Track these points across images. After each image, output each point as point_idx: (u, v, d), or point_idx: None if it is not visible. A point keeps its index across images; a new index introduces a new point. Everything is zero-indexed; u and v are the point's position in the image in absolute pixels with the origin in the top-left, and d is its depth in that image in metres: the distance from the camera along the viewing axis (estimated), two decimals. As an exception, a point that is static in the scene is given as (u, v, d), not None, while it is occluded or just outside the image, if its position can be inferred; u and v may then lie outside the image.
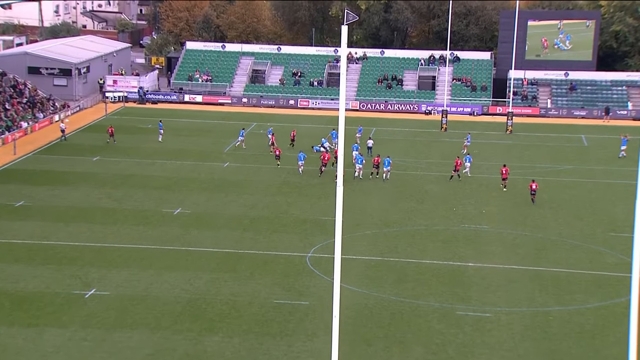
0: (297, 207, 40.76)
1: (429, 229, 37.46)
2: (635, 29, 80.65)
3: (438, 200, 42.52)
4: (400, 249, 34.56)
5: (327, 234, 35.84)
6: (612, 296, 29.42)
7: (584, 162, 52.51)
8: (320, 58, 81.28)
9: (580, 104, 73.98)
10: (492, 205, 41.85)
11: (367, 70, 79.74)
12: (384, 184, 45.57)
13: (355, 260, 32.81)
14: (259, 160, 51.76)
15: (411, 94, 76.75)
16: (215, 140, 58.05)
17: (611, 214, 40.35)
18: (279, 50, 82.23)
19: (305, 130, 63.53)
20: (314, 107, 75.38)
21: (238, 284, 30.12)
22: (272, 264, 32.37)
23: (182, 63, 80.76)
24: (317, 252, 33.80)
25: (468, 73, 78.39)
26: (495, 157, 53.23)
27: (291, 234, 36.37)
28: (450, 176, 46.46)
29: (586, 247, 35.17)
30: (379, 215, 39.54)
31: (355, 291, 29.63)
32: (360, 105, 74.81)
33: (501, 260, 33.19)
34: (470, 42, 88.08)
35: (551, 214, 40.26)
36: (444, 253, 34.02)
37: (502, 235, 36.79)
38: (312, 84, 78.31)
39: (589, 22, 76.20)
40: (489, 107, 73.81)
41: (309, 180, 46.31)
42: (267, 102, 75.94)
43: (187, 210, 39.95)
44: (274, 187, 44.91)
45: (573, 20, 77.03)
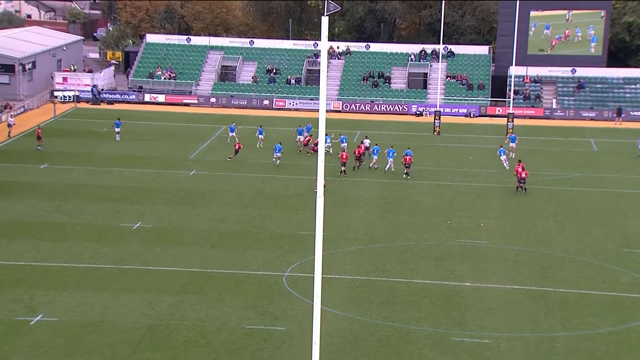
0: (273, 221, 40.76)
1: (420, 245, 37.61)
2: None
3: (430, 213, 42.72)
4: (388, 267, 34.66)
5: (307, 250, 35.86)
6: (626, 320, 29.69)
7: (593, 169, 53.01)
8: (297, 53, 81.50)
9: (589, 104, 74.74)
10: (491, 217, 42.12)
11: (350, 66, 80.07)
12: (371, 195, 45.72)
13: (338, 280, 32.85)
14: (229, 168, 51.74)
15: (400, 93, 77.14)
16: (179, 146, 57.94)
17: (624, 227, 40.76)
18: (251, 44, 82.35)
19: (280, 134, 63.58)
20: (291, 107, 75.50)
21: (206, 308, 30.04)
22: (244, 285, 32.32)
23: (141, 58, 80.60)
24: (295, 271, 33.80)
25: (464, 70, 78.96)
26: (494, 164, 53.61)
27: (266, 250, 36.36)
28: (516, 187, 46.32)
29: (597, 264, 35.48)
30: (365, 230, 39.64)
31: (338, 315, 29.65)
32: (343, 106, 75.05)
33: (502, 280, 33.40)
34: (466, 35, 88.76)
35: (557, 228, 40.58)
36: (437, 271, 34.16)
37: (502, 251, 37.02)
38: (289, 82, 78.48)
39: (602, 12, 77.03)
40: (487, 108, 74.36)
41: (286, 191, 46.38)
42: (238, 102, 75.96)
43: (148, 224, 39.81)
44: (247, 197, 44.91)
45: (581, 10, 77.92)
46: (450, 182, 49.19)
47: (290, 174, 50.32)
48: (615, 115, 71.40)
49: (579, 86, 76.11)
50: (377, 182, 48.91)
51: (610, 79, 76.74)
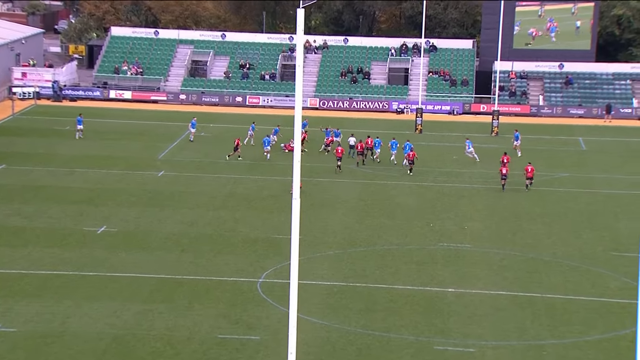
0: (246, 224, 40.72)
1: (401, 249, 37.73)
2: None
3: (412, 215, 42.87)
4: (368, 272, 34.74)
5: (282, 255, 35.86)
6: (615, 327, 29.95)
7: (581, 169, 53.45)
8: (272, 47, 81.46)
9: (578, 101, 75.36)
10: (475, 220, 42.35)
11: (328, 61, 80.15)
12: (349, 195, 45.82)
13: (315, 286, 32.88)
14: (200, 169, 51.63)
15: (380, 89, 77.34)
16: (147, 145, 57.71)
17: (614, 229, 41.13)
18: (223, 37, 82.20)
19: (256, 131, 63.54)
20: (265, 105, 75.44)
21: (175, 316, 29.94)
22: (215, 292, 32.26)
23: (106, 52, 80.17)
24: (270, 277, 33.79)
25: (447, 65, 79.33)
26: (479, 164, 53.89)
27: (239, 255, 36.31)
28: (525, 185, 47.51)
29: (585, 269, 35.79)
30: (343, 233, 39.70)
31: (315, 323, 29.68)
32: (320, 103, 75.12)
33: (486, 285, 33.58)
34: (448, 28, 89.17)
35: (544, 231, 40.88)
36: (419, 277, 34.30)
37: (487, 255, 37.24)
38: (263, 77, 78.42)
39: (589, 4, 77.73)
40: (471, 105, 74.75)
41: (260, 192, 46.35)
42: (209, 99, 75.79)
43: (113, 228, 39.61)
44: (218, 199, 44.83)
45: (568, 4, 78.56)
46: (432, 183, 49.40)
47: (264, 174, 50.30)
48: (605, 112, 72.03)
49: (566, 82, 76.72)
50: (356, 183, 49.02)
51: (599, 74, 77.42)
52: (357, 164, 52.14)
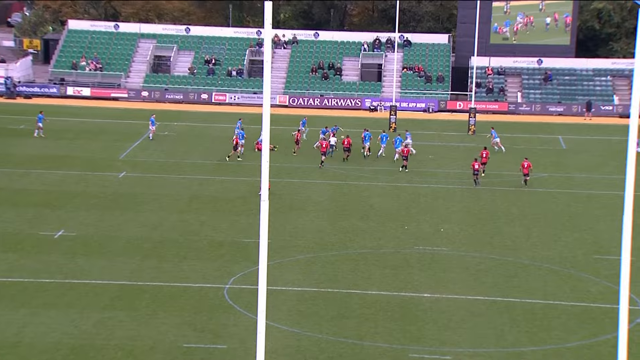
0: (212, 227, 40.60)
1: (375, 252, 37.83)
2: (622, 7, 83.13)
3: (386, 217, 42.99)
4: (340, 277, 34.79)
5: (250, 260, 35.80)
6: (596, 333, 30.23)
7: (561, 169, 53.92)
8: (239, 42, 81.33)
9: (557, 98, 76.05)
10: (452, 222, 42.56)
11: (297, 57, 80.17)
12: (318, 198, 45.89)
13: (285, 292, 32.86)
14: (164, 169, 51.41)
15: (352, 86, 77.49)
16: (107, 145, 57.37)
17: (595, 232, 41.54)
18: (187, 31, 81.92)
19: (220, 131, 63.39)
20: (232, 102, 75.31)
21: (137, 325, 29.77)
22: (180, 299, 32.12)
23: (63, 47, 79.56)
24: (238, 283, 33.72)
25: (421, 60, 79.68)
26: (455, 164, 54.20)
27: (204, 260, 36.19)
28: (524, 181, 48.92)
29: (565, 272, 36.09)
30: (314, 236, 39.72)
31: (285, 330, 29.66)
32: (290, 101, 75.14)
33: (463, 290, 33.76)
34: (423, 22, 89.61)
35: (523, 233, 41.18)
36: (394, 282, 34.40)
37: (464, 259, 37.43)
38: (229, 73, 78.26)
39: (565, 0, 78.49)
40: (447, 102, 75.16)
41: (227, 194, 46.25)
42: (173, 96, 75.51)
43: (72, 232, 39.32)
44: (183, 202, 44.67)
45: (536, 0, 79.08)
46: (407, 184, 49.58)
47: (231, 175, 50.18)
48: (585, 109, 72.72)
49: (545, 78, 77.37)
50: (328, 183, 49.08)
51: (579, 70, 78.18)
52: (344, 160, 53.58)
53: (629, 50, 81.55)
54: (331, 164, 53.33)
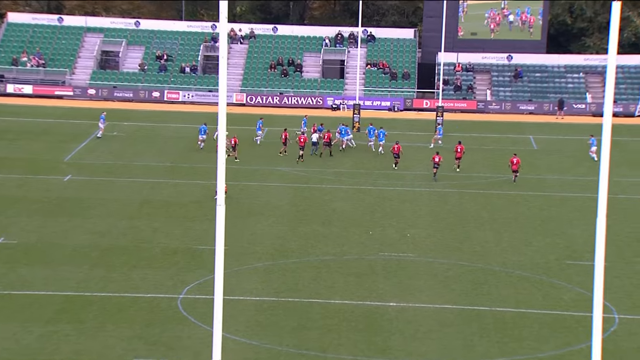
0: (165, 234, 40.40)
1: (338, 259, 37.88)
2: (594, 0, 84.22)
3: (349, 222, 43.09)
4: (301, 285, 34.79)
5: (205, 268, 35.68)
6: (569, 342, 30.55)
7: (532, 170, 54.43)
8: (192, 36, 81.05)
9: (528, 96, 76.80)
10: (419, 227, 42.77)
11: (255, 52, 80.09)
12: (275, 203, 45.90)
13: (243, 302, 32.80)
14: (113, 172, 51.06)
15: (314, 83, 77.58)
16: (51, 146, 56.84)
17: (568, 236, 41.99)
18: (137, 25, 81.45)
19: (173, 131, 63.13)
20: (185, 100, 75.03)
21: (84, 338, 29.52)
22: (130, 310, 31.91)
23: (2, 42, 78.72)
24: (192, 293, 33.58)
25: (386, 56, 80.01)
26: (422, 165, 54.47)
27: (157, 269, 36.00)
28: (514, 178, 50.60)
29: (537, 279, 36.43)
30: (273, 243, 39.69)
31: (243, 343, 29.61)
32: (248, 99, 75.04)
33: (431, 298, 33.93)
34: (388, 16, 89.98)
35: (493, 238, 41.50)
36: (358, 290, 34.48)
37: (431, 265, 37.63)
38: (183, 70, 77.95)
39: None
40: (413, 101, 75.54)
41: (180, 198, 46.04)
42: (122, 94, 75.03)
43: (12, 240, 38.90)
44: (134, 207, 44.40)
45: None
46: (371, 187, 49.74)
47: (185, 178, 49.98)
48: (557, 108, 73.50)
49: (516, 75, 78.09)
50: (287, 187, 49.09)
51: (550, 67, 79.03)
52: (325, 154, 55.38)
53: (602, 45, 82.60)
54: (292, 165, 53.30)
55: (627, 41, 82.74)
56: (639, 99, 74.98)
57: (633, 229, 42.83)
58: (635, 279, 36.11)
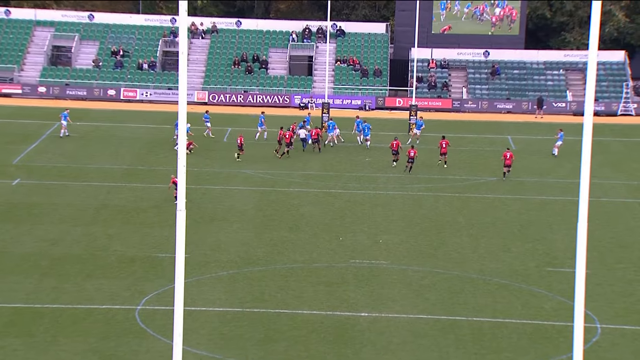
0: (122, 241, 40.22)
1: (306, 267, 37.91)
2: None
3: (318, 227, 43.14)
4: (267, 295, 34.78)
5: (165, 277, 35.57)
6: (549, 353, 30.77)
7: (511, 173, 54.78)
8: (151, 31, 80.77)
9: (505, 94, 77.31)
10: (391, 232, 42.90)
11: (217, 48, 79.97)
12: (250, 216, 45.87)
13: (205, 313, 32.73)
14: (66, 175, 50.76)
15: (280, 81, 77.60)
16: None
17: (548, 242, 42.29)
18: (90, 18, 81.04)
19: (130, 131, 62.88)
20: (143, 99, 74.74)
21: (34, 353, 29.32)
22: (84, 323, 31.74)
23: (-52, 35, 78.00)
24: (151, 304, 33.46)
25: (356, 52, 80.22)
26: (394, 168, 54.64)
27: (113, 279, 35.84)
28: (503, 173, 52.37)
29: (516, 287, 36.66)
30: (238, 250, 39.65)
31: (205, 356, 29.54)
32: (210, 97, 74.92)
33: (405, 308, 34.05)
34: (358, 9, 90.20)
35: (470, 244, 41.73)
36: (327, 300, 34.52)
37: (405, 273, 37.76)
38: (140, 67, 77.65)
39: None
40: (385, 99, 75.79)
41: (138, 203, 45.85)
42: (75, 92, 74.61)
43: (-42, 249, 38.52)
44: (89, 212, 44.17)
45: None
46: (341, 190, 49.82)
47: (143, 181, 49.80)
48: (536, 107, 74.06)
49: (493, 72, 78.59)
50: (253, 190, 49.06)
51: (529, 63, 79.62)
52: (319, 150, 57.43)
53: (582, 41, 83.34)
54: (257, 167, 53.32)
55: (608, 36, 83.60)
56: (621, 97, 75.73)
57: (615, 234, 43.25)
58: (617, 286, 36.46)
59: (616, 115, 74.83)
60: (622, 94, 75.86)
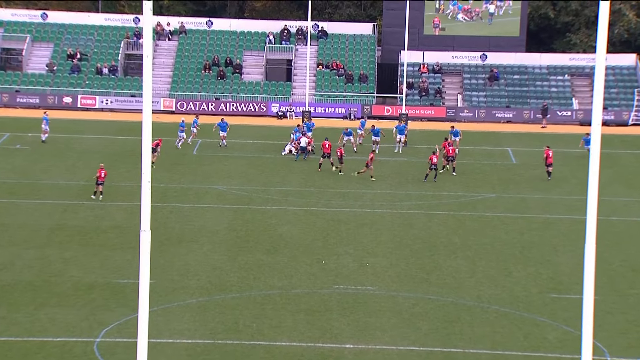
0: (80, 266, 40.08)
1: (285, 294, 37.88)
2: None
3: (299, 249, 43.12)
4: (241, 325, 34.72)
5: (128, 306, 35.45)
6: (555, 386, 30.84)
7: (511, 189, 54.93)
8: (111, 32, 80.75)
9: (505, 102, 77.62)
10: (379, 255, 42.91)
11: (186, 50, 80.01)
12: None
13: (173, 346, 32.64)
14: (16, 192, 50.59)
15: (256, 87, 77.68)
16: (-58, 161, 56.20)
17: (552, 265, 42.40)
18: (44, 18, 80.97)
19: (89, 144, 62.77)
20: (103, 107, 74.64)
21: (-18, 392, 29.14)
22: (37, 357, 31.59)
23: None
24: (111, 335, 33.34)
25: (340, 55, 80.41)
26: (384, 183, 54.74)
27: (69, 307, 35.69)
28: (547, 173, 55.18)
29: (517, 315, 36.73)
30: (209, 275, 39.57)
31: (173, 395, 29.44)
32: (177, 105, 74.90)
33: (394, 339, 34.05)
34: (342, 8, 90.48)
35: (467, 267, 41.79)
36: (308, 330, 34.49)
37: (395, 300, 37.76)
38: (100, 71, 77.58)
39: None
40: (372, 107, 75.97)
41: (98, 223, 45.69)
42: (26, 99, 74.46)
43: None
44: (42, 234, 44.00)
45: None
46: (324, 208, 49.85)
47: (104, 199, 49.67)
48: (541, 115, 74.35)
49: (491, 77, 78.94)
50: (226, 208, 49.01)
51: (531, 67, 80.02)
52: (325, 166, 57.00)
53: (589, 43, 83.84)
54: (230, 183, 53.27)
55: (618, 38, 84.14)
56: (632, 105, 76.17)
57: (627, 257, 43.42)
58: (630, 314, 36.58)
59: (627, 125, 75.22)
60: (634, 102, 76.33)
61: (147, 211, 17.45)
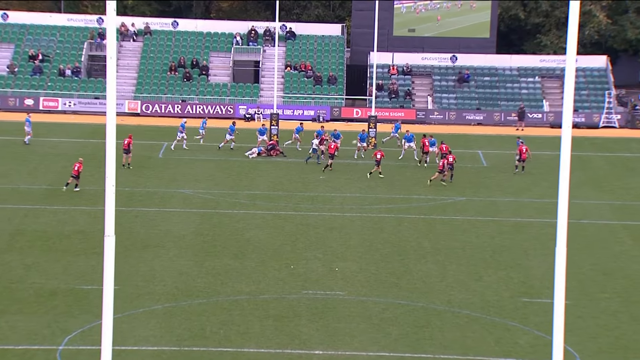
0: (41, 271, 39.87)
1: (253, 299, 37.84)
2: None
3: (267, 254, 43.10)
4: (208, 331, 34.66)
5: (91, 312, 35.30)
6: (527, 391, 31.01)
7: (482, 192, 55.16)
8: (74, 32, 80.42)
9: (475, 104, 77.98)
10: (348, 259, 42.96)
11: (151, 52, 79.81)
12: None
13: (138, 353, 32.53)
14: (-24, 197, 50.23)
15: (222, 89, 77.61)
16: None
17: (523, 269, 42.60)
18: (4, 18, 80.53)
19: (51, 147, 62.46)
20: (66, 109, 74.29)
21: (-58, 402, 28.91)
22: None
23: None
24: (75, 343, 33.19)
25: (309, 57, 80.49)
26: (353, 186, 54.82)
27: (30, 315, 35.49)
28: (522, 167, 56.78)
29: (488, 320, 36.87)
30: (175, 280, 39.48)
31: (138, 403, 29.33)
32: (143, 107, 74.68)
33: (364, 345, 34.09)
34: (310, 9, 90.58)
35: (437, 271, 41.91)
36: (277, 336, 34.48)
37: (364, 305, 37.81)
38: (62, 73, 77.22)
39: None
40: (341, 109, 76.09)
41: (61, 227, 45.47)
42: (-12, 101, 73.95)
43: None
44: (3, 239, 43.76)
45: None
46: (293, 212, 49.86)
47: (66, 203, 49.44)
48: (517, 118, 74.68)
49: (461, 79, 79.28)
50: (192, 212, 48.92)
51: (501, 69, 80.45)
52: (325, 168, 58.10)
53: (560, 44, 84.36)
54: (197, 186, 53.16)
55: (588, 39, 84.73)
56: (603, 107, 76.71)
57: (598, 260, 43.70)
58: (601, 319, 36.82)
59: (598, 127, 75.75)
60: (604, 104, 76.88)
61: (111, 215, 17.40)
